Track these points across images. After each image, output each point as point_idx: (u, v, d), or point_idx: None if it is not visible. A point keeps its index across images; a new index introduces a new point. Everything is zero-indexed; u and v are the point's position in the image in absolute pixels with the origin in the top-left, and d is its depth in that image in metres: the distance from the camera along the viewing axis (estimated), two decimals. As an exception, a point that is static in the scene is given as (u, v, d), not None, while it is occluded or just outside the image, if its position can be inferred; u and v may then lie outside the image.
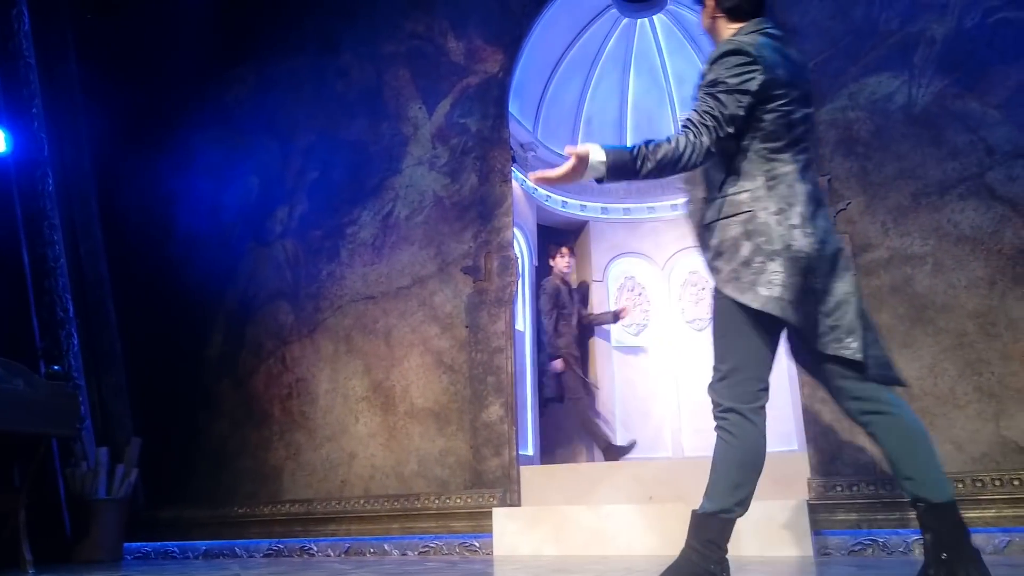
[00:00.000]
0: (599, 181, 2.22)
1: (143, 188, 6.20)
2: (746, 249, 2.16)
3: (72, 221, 5.59)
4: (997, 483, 3.46)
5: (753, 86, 2.14)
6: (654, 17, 6.71)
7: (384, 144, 5.45)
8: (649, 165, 2.14)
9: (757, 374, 2.24)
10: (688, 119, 2.18)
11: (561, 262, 6.26)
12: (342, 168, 5.56)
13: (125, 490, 5.00)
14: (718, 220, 2.24)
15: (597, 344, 6.95)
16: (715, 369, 2.30)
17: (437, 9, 5.47)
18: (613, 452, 5.79)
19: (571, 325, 6.21)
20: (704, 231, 2.31)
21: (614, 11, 6.51)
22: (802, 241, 2.15)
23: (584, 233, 7.25)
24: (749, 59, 2.14)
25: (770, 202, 2.17)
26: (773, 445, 6.43)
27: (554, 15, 5.54)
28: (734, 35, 2.28)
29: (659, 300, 7.07)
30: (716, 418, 2.28)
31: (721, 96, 2.14)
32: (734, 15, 2.33)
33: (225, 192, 5.98)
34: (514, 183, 5.41)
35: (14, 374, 4.17)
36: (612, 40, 6.85)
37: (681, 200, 7.09)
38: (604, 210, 7.23)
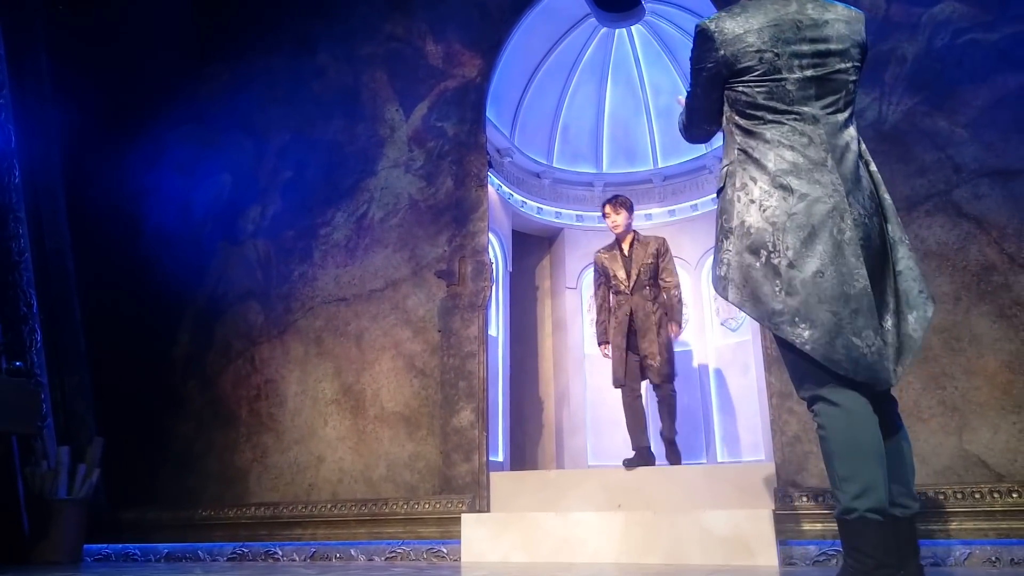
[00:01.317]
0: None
1: (113, 184, 6.10)
2: (717, 227, 2.16)
3: (39, 215, 5.48)
4: (959, 496, 3.52)
5: (707, 64, 2.15)
6: (632, 28, 6.76)
7: (360, 145, 5.42)
8: (681, 127, 2.42)
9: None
10: None
11: (608, 221, 5.09)
12: (317, 168, 5.52)
13: (86, 490, 4.90)
14: (716, 195, 2.26)
15: (568, 351, 6.96)
16: (791, 378, 2.13)
17: (416, 12, 5.46)
18: (639, 458, 4.79)
19: (629, 299, 4.95)
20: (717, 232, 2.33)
21: (592, 21, 6.56)
22: (755, 216, 2.04)
23: (559, 240, 7.28)
24: (706, 37, 2.14)
25: (737, 177, 2.12)
26: (741, 455, 6.42)
27: (533, 22, 5.57)
28: None
29: (631, 308, 7.10)
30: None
31: (690, 79, 2.24)
32: None
33: (197, 190, 5.91)
34: (490, 188, 5.41)
35: (-27, 370, 4.06)
36: (590, 49, 6.90)
37: (656, 209, 7.15)
38: (579, 217, 7.26)
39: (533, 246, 7.28)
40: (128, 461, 5.36)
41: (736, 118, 2.14)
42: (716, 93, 2.18)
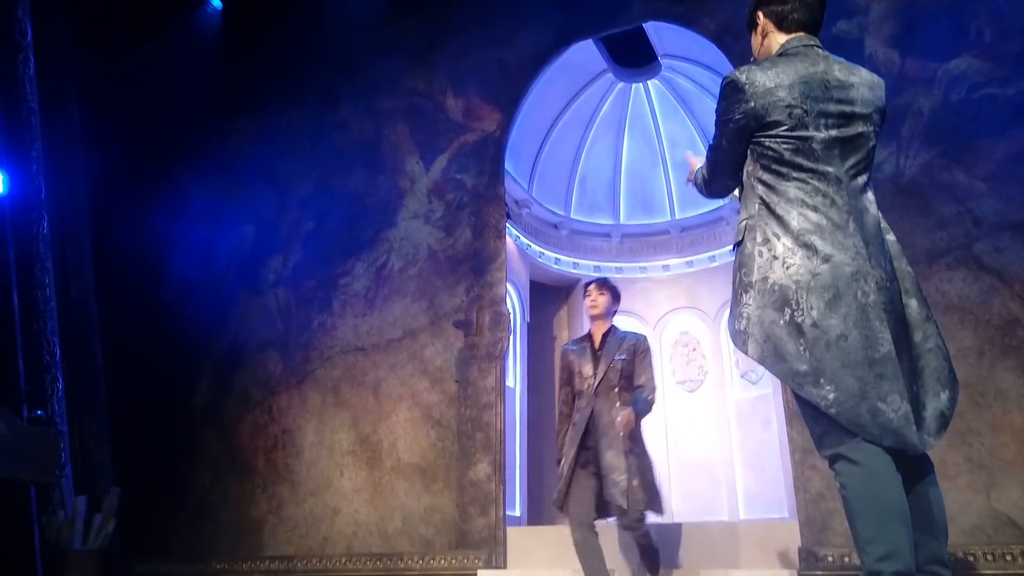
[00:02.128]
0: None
1: (138, 233, 6.21)
2: (735, 281, 2.10)
3: (65, 264, 5.58)
4: (989, 558, 3.42)
5: (736, 115, 2.11)
6: (649, 82, 6.87)
7: (380, 197, 5.50)
8: (697, 184, 2.42)
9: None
10: None
11: (587, 301, 4.10)
12: (338, 219, 5.60)
13: (102, 541, 4.87)
14: (735, 248, 2.20)
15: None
16: (811, 434, 2.06)
17: (437, 67, 5.58)
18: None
19: (592, 401, 3.85)
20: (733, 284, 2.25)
21: (609, 75, 6.67)
22: (778, 272, 2.01)
23: (576, 291, 7.28)
24: (736, 89, 2.12)
25: (758, 231, 2.08)
26: (763, 511, 6.29)
27: (551, 77, 5.67)
28: (776, 52, 2.23)
29: (650, 359, 7.06)
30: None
31: (715, 128, 2.20)
32: (784, 25, 2.25)
33: (220, 239, 6.00)
34: (508, 239, 5.45)
35: (-5, 418, 4.09)
36: (607, 103, 7.00)
37: (674, 260, 7.16)
38: (596, 268, 7.28)
39: (551, 297, 7.29)
40: (144, 511, 5.34)
41: (759, 172, 2.12)
42: (742, 146, 2.15)
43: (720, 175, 2.26)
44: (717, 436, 6.66)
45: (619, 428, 3.66)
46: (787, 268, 2.01)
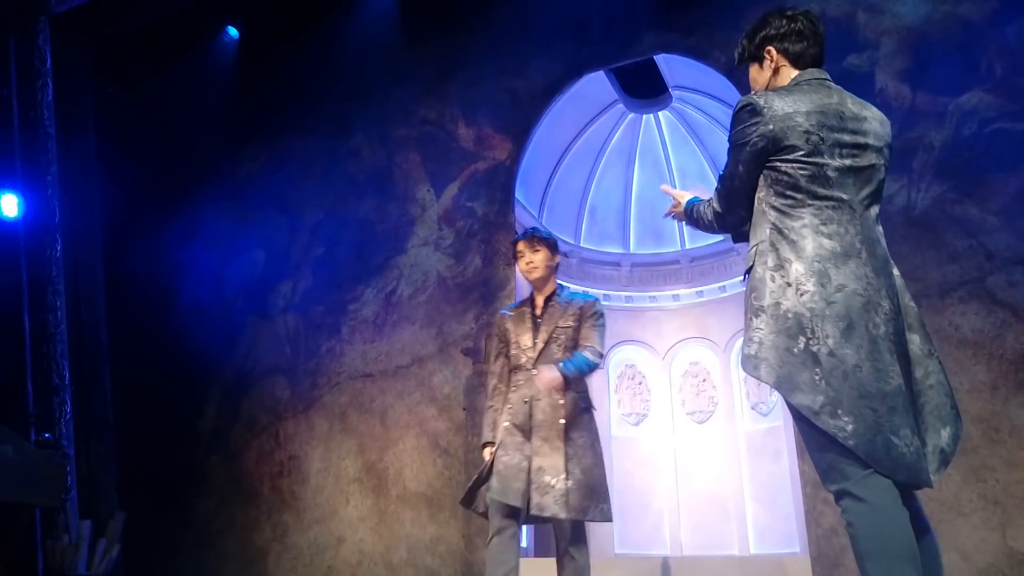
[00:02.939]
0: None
1: (150, 258, 6.25)
2: (746, 306, 2.07)
3: (76, 288, 5.61)
4: (1005, 597, 3.35)
5: (754, 138, 2.08)
6: (659, 113, 6.91)
7: (391, 224, 5.53)
8: (698, 220, 2.34)
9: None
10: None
11: (521, 263, 3.37)
12: (348, 245, 5.62)
13: (106, 566, 4.84)
14: (747, 274, 2.14)
15: (595, 432, 6.85)
16: (816, 464, 2.00)
17: (450, 97, 5.63)
18: None
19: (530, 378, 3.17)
20: (745, 308, 2.18)
21: (620, 106, 6.71)
22: (792, 299, 1.98)
23: (585, 319, 7.26)
24: (754, 111, 2.09)
25: (770, 256, 2.05)
26: (774, 546, 6.19)
27: (562, 108, 5.71)
28: (788, 84, 2.23)
29: (659, 390, 7.02)
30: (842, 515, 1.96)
31: (728, 155, 2.16)
32: (800, 62, 2.25)
33: (230, 265, 6.03)
34: (517, 268, 5.45)
35: (3, 440, 4.09)
36: (618, 133, 7.04)
37: (684, 290, 7.14)
38: (606, 297, 7.26)
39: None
40: (149, 536, 5.31)
41: (772, 198, 2.09)
42: (758, 171, 2.12)
43: (736, 205, 2.19)
44: (727, 468, 6.59)
45: (543, 387, 3.03)
46: (801, 295, 1.98)
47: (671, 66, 5.99)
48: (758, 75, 2.30)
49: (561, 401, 3.05)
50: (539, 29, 5.43)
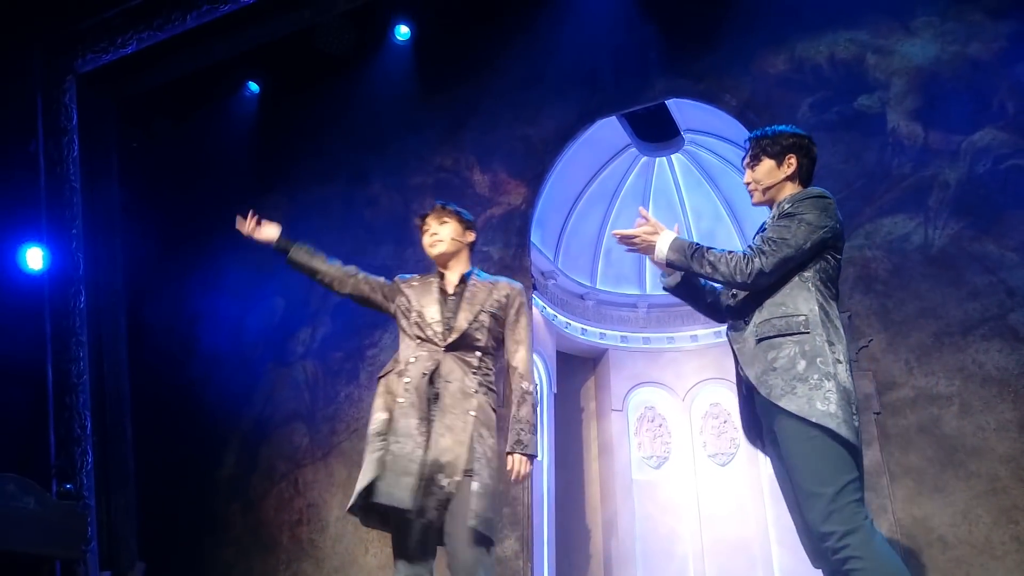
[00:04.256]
0: (666, 261, 2.42)
1: (171, 307, 6.32)
2: (801, 366, 2.21)
3: (99, 339, 5.68)
4: (1044, 643, 3.25)
5: (828, 230, 2.33)
6: (672, 156, 6.97)
7: (409, 269, 5.47)
8: (705, 262, 2.35)
9: (856, 485, 2.17)
10: (750, 246, 2.38)
11: (425, 239, 2.95)
12: (366, 292, 5.65)
13: (124, 618, 4.81)
14: (775, 337, 2.29)
15: (615, 476, 6.78)
16: (817, 497, 2.15)
17: (465, 145, 5.72)
18: None
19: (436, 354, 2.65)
20: (756, 348, 2.31)
21: (633, 150, 6.78)
22: (844, 376, 2.24)
23: (603, 361, 7.24)
24: (830, 206, 2.36)
25: (821, 330, 2.25)
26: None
27: (576, 152, 5.78)
28: (798, 194, 2.43)
29: (680, 432, 6.95)
30: (836, 553, 2.10)
31: (795, 227, 2.30)
32: (805, 179, 2.52)
33: (250, 313, 6.08)
34: (534, 310, 5.47)
35: (26, 492, 4.11)
36: (631, 176, 7.10)
37: (702, 331, 7.12)
38: (623, 339, 7.24)
39: (577, 367, 7.25)
40: (167, 587, 5.28)
41: (818, 281, 2.32)
42: (814, 256, 2.33)
43: (783, 272, 2.32)
44: (751, 511, 6.47)
45: (516, 480, 2.56)
46: (847, 374, 2.26)
47: (682, 110, 6.06)
48: (770, 173, 2.50)
49: (473, 391, 2.55)
50: (551, 77, 5.52)
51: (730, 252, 2.36)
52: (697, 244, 2.41)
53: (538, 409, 2.74)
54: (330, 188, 6.16)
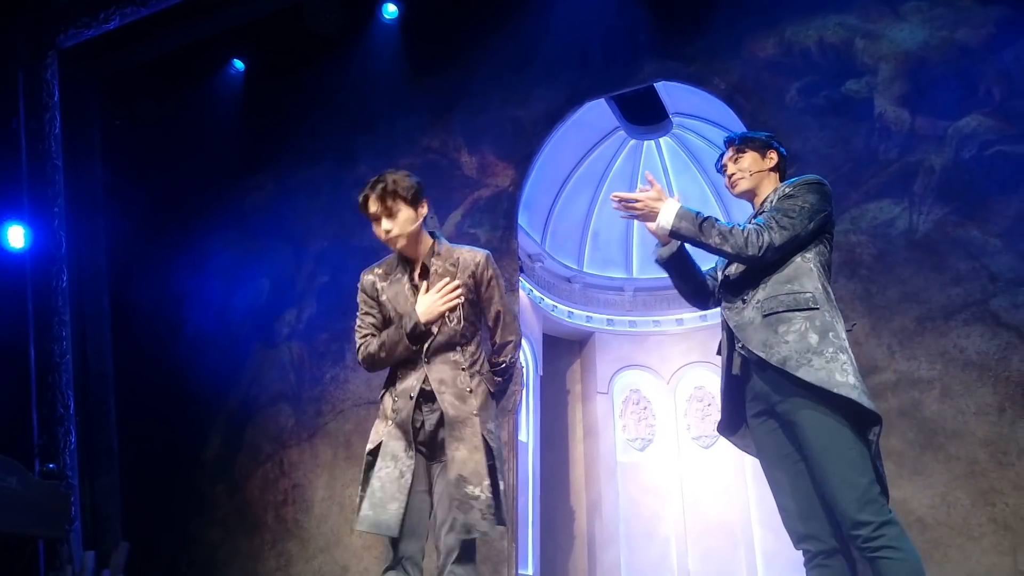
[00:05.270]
0: (667, 232, 2.32)
1: (156, 288, 6.28)
2: (814, 339, 2.20)
3: (82, 318, 5.63)
4: (1018, 623, 3.31)
5: (827, 215, 2.36)
6: (660, 139, 6.96)
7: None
8: (714, 233, 2.27)
9: (876, 474, 2.14)
10: (757, 222, 2.33)
11: (378, 229, 2.55)
12: (353, 273, 5.58)
13: (108, 598, 4.80)
14: (784, 312, 2.26)
15: (600, 458, 6.82)
16: (851, 486, 2.07)
17: (453, 126, 5.68)
18: None
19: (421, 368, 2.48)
20: (763, 323, 2.27)
21: (622, 133, 6.76)
22: (849, 351, 2.23)
23: (589, 344, 7.26)
24: (828, 192, 2.39)
25: (827, 307, 2.26)
26: (783, 572, 6.09)
27: (564, 135, 5.76)
28: (797, 179, 2.44)
29: (664, 415, 6.99)
30: (869, 541, 2.03)
31: (799, 208, 2.31)
32: (783, 172, 2.56)
33: (236, 294, 6.05)
34: (521, 292, 5.47)
35: (8, 471, 4.09)
36: (619, 159, 7.08)
37: (687, 314, 7.14)
38: (609, 322, 7.26)
39: (563, 350, 7.27)
40: (153, 567, 5.27)
41: (817, 259, 2.34)
42: (814, 238, 2.35)
43: (789, 248, 2.31)
44: (734, 493, 6.53)
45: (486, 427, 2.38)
46: (850, 351, 2.24)
47: (671, 93, 6.04)
48: (756, 162, 2.53)
49: (469, 389, 2.40)
50: (541, 59, 5.49)
51: (736, 224, 2.33)
52: (706, 214, 2.33)
53: (513, 382, 2.64)
54: (317, 169, 6.11)
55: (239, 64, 6.44)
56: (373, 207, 2.45)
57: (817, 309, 2.24)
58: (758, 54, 4.74)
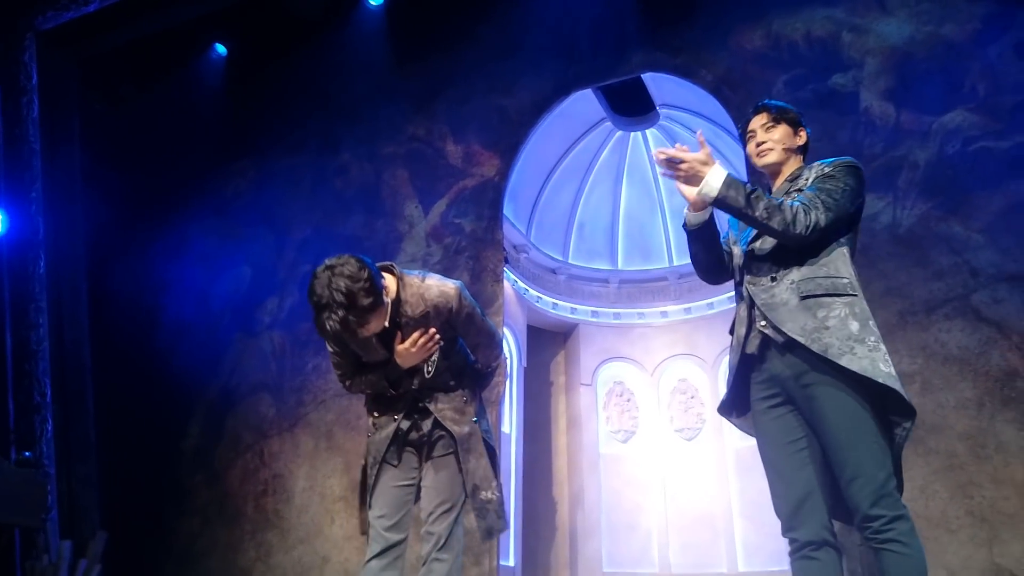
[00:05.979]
0: (711, 199, 2.21)
1: (135, 275, 6.20)
2: (855, 327, 2.12)
3: (60, 305, 5.55)
4: (994, 615, 3.34)
5: (862, 200, 2.31)
6: (647, 131, 6.94)
7: (379, 240, 5.51)
8: (761, 206, 2.15)
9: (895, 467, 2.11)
10: (800, 200, 2.21)
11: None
12: (335, 262, 5.59)
13: (85, 588, 4.76)
14: (823, 296, 2.17)
15: (582, 450, 6.83)
16: (869, 479, 2.04)
17: (438, 115, 5.64)
18: None
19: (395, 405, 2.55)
20: (800, 305, 2.18)
21: (608, 124, 6.74)
22: (878, 337, 2.18)
23: (574, 336, 7.25)
24: (864, 181, 2.32)
25: (861, 294, 2.20)
26: (763, 564, 6.16)
27: (550, 125, 5.73)
28: (837, 159, 2.36)
29: (647, 407, 7.00)
30: (878, 533, 2.01)
31: (842, 189, 2.23)
32: (805, 155, 2.45)
33: (217, 282, 5.98)
34: (506, 283, 5.45)
35: (-18, 460, 4.03)
36: (606, 151, 7.07)
37: (672, 307, 7.14)
38: (594, 313, 7.26)
39: (548, 341, 7.26)
40: (130, 557, 5.22)
41: (848, 245, 2.27)
42: (851, 223, 2.29)
43: (833, 229, 2.22)
44: (716, 486, 6.56)
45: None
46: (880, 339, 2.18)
47: (658, 84, 6.03)
48: (787, 137, 2.41)
49: (465, 399, 2.52)
50: (528, 48, 5.46)
51: (787, 201, 2.21)
52: (754, 185, 2.24)
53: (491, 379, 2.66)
54: (300, 156, 6.05)
55: (221, 49, 6.35)
56: (345, 335, 2.25)
57: (856, 296, 2.17)
58: (745, 46, 4.73)
